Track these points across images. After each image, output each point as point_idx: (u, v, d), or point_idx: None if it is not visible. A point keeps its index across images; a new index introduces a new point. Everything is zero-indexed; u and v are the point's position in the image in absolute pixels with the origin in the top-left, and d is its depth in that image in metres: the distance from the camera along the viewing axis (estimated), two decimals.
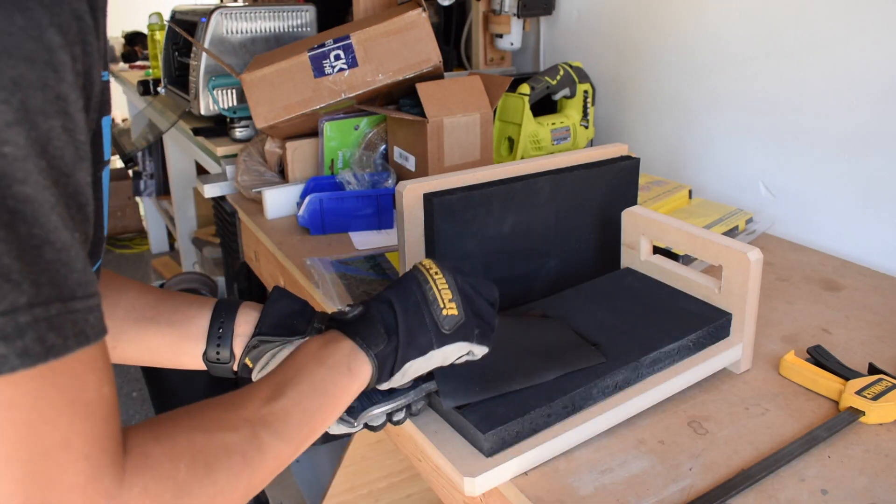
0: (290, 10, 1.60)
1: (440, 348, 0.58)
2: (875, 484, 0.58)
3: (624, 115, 1.45)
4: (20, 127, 0.33)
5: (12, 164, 0.33)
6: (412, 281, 0.59)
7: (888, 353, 0.78)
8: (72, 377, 0.35)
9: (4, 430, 0.33)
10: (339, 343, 0.56)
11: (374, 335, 0.56)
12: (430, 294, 0.58)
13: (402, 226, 0.78)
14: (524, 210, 0.84)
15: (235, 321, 0.65)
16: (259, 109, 1.21)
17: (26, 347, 0.33)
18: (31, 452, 0.34)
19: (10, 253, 0.33)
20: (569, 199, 0.87)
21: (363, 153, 1.28)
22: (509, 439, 0.60)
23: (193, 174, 2.49)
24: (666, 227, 0.77)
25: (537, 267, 0.87)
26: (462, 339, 0.59)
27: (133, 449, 0.40)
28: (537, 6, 1.57)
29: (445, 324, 0.58)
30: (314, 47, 1.20)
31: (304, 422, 0.50)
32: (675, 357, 0.70)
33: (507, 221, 0.83)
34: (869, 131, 1.01)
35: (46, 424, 0.34)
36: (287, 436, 0.49)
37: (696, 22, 1.25)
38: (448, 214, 0.77)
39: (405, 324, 0.57)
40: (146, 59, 3.22)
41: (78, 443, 0.35)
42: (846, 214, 1.07)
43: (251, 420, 0.47)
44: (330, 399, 0.53)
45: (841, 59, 1.03)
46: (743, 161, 1.21)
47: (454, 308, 0.58)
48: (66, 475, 0.35)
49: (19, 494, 0.34)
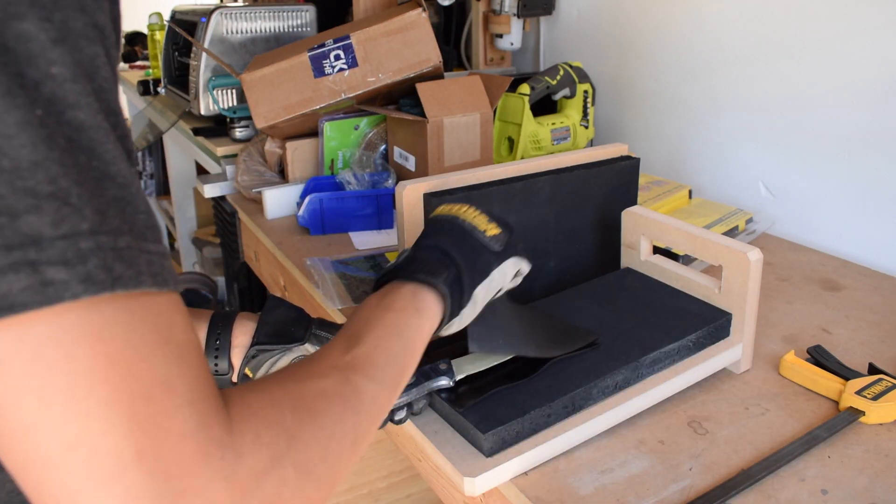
0: (290, 10, 1.60)
1: (499, 266, 0.58)
2: (875, 484, 0.58)
3: (624, 115, 1.45)
4: (64, 47, 0.30)
5: (62, 85, 0.29)
6: (444, 220, 0.59)
7: (888, 353, 0.78)
8: (159, 314, 0.32)
9: (99, 367, 0.29)
10: (399, 289, 0.54)
11: (434, 268, 0.55)
12: (466, 224, 0.58)
13: (402, 226, 0.78)
14: (524, 210, 0.84)
15: (232, 332, 0.65)
16: (259, 109, 1.21)
17: (89, 274, 0.29)
18: (133, 395, 0.30)
19: (68, 176, 0.29)
20: (569, 199, 0.87)
21: (363, 153, 1.28)
22: (509, 439, 0.60)
23: (193, 174, 2.49)
24: (666, 227, 0.77)
25: (537, 267, 0.87)
26: (513, 255, 0.60)
27: (232, 399, 0.36)
28: (537, 6, 1.57)
29: (494, 243, 0.58)
30: (314, 47, 1.20)
31: (389, 363, 0.48)
32: (675, 357, 0.70)
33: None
34: (869, 131, 1.01)
35: (143, 363, 0.30)
36: (378, 377, 0.46)
37: (697, 22, 1.25)
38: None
39: (460, 252, 0.56)
40: (146, 59, 3.22)
41: (180, 386, 0.31)
42: (846, 214, 1.07)
43: (338, 366, 0.45)
44: (407, 342, 0.51)
45: (841, 58, 1.03)
46: (743, 161, 1.21)
47: (495, 228, 0.59)
48: (174, 422, 0.31)
49: (129, 446, 0.29)
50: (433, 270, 0.55)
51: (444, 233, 0.58)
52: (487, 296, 0.59)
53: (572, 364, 0.67)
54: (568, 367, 0.66)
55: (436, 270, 0.55)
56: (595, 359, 0.67)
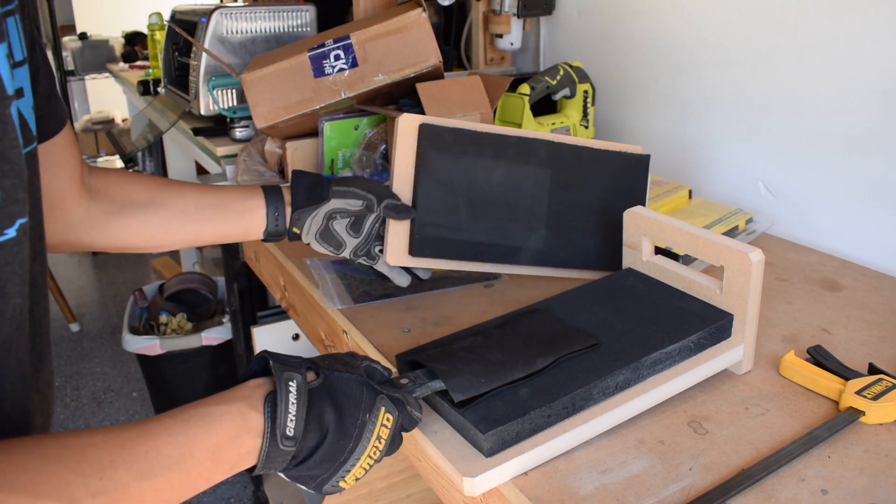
0: (290, 10, 1.60)
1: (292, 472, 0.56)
2: (875, 484, 0.58)
3: (624, 115, 1.45)
4: None
5: None
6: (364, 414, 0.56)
7: (888, 353, 0.78)
8: None
9: None
10: (246, 439, 0.52)
11: (281, 456, 0.53)
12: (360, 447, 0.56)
13: (395, 153, 0.86)
14: (517, 165, 0.88)
15: (284, 205, 0.83)
16: (259, 109, 1.21)
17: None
18: None
19: None
20: (567, 171, 0.90)
21: (363, 153, 1.28)
22: (509, 439, 0.60)
23: (193, 174, 2.49)
24: (668, 227, 0.77)
25: (527, 229, 0.89)
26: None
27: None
28: (537, 6, 1.57)
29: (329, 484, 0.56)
30: (314, 47, 1.20)
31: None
32: (676, 358, 0.70)
33: (498, 170, 0.88)
34: (869, 131, 1.01)
35: None
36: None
37: (697, 21, 1.25)
38: (437, 143, 0.85)
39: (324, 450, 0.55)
40: (146, 59, 3.22)
41: None
42: (846, 214, 1.07)
43: (98, 493, 0.44)
44: (192, 491, 0.50)
45: (841, 59, 1.03)
46: (743, 161, 1.21)
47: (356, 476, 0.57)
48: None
49: None
50: (277, 460, 0.53)
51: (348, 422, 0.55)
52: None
53: (573, 364, 0.67)
54: (568, 368, 0.66)
55: (280, 459, 0.53)
56: (596, 359, 0.67)
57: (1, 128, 0.46)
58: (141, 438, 0.48)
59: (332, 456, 0.54)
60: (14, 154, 0.47)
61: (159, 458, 0.48)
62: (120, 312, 2.83)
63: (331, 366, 0.58)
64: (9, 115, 0.46)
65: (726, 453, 0.63)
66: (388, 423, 0.57)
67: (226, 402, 0.52)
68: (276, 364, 0.55)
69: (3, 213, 0.47)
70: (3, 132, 0.46)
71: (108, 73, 3.56)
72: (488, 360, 0.65)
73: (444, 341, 0.72)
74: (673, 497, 0.57)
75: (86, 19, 4.62)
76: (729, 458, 0.62)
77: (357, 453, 0.55)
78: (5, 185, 0.46)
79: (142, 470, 0.46)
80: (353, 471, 0.56)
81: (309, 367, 0.57)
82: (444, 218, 0.87)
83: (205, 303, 2.36)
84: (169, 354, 2.10)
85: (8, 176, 0.46)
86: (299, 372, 0.54)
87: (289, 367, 0.55)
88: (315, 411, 0.54)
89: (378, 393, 0.57)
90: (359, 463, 0.56)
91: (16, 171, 0.47)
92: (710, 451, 0.63)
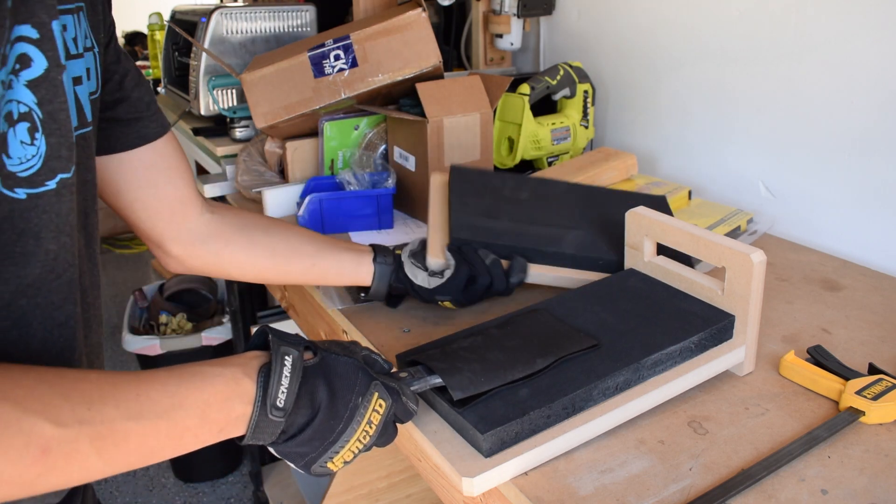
0: (290, 10, 1.60)
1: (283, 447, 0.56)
2: (875, 484, 0.58)
3: (624, 115, 1.45)
4: None
5: None
6: (357, 399, 0.57)
7: (888, 353, 0.78)
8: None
9: None
10: (237, 404, 0.53)
11: (271, 429, 0.54)
12: (352, 427, 0.56)
13: (430, 204, 0.94)
14: (540, 191, 0.98)
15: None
16: (259, 109, 1.21)
17: None
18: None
19: None
20: (585, 200, 0.99)
21: (363, 153, 1.28)
22: (508, 440, 0.60)
23: (193, 174, 2.49)
24: (669, 228, 0.77)
25: (554, 237, 0.92)
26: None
27: None
28: (537, 6, 1.57)
29: (319, 465, 0.56)
30: (314, 47, 1.20)
31: (134, 451, 0.48)
32: (678, 359, 0.70)
33: (524, 191, 0.98)
34: (869, 131, 1.01)
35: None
36: (109, 457, 0.47)
37: (697, 22, 1.25)
38: (465, 175, 0.98)
39: (312, 429, 0.55)
40: (146, 59, 3.21)
41: None
42: (846, 214, 1.07)
43: (85, 422, 0.45)
44: (179, 447, 0.51)
45: (841, 59, 1.03)
46: (743, 161, 1.21)
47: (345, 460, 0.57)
48: None
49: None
50: (266, 432, 0.53)
51: (340, 405, 0.56)
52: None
53: (573, 365, 0.67)
54: (568, 368, 0.66)
55: (270, 431, 0.53)
56: (596, 360, 0.67)
57: (52, 91, 0.51)
58: (133, 382, 0.49)
59: (321, 435, 0.55)
60: (62, 116, 0.52)
61: (149, 402, 0.48)
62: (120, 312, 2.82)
63: (329, 348, 0.59)
64: (60, 82, 0.51)
65: (726, 453, 0.62)
66: (381, 410, 0.57)
67: (221, 366, 0.53)
68: (274, 338, 0.56)
69: (47, 167, 0.52)
70: (55, 95, 0.51)
71: None
72: (488, 359, 0.65)
73: (444, 341, 0.72)
74: (673, 497, 0.57)
75: None
76: (729, 458, 0.62)
77: (346, 435, 0.56)
78: (51, 141, 0.52)
79: (130, 410, 0.47)
80: (341, 453, 0.56)
81: (307, 347, 0.58)
82: (477, 221, 0.91)
83: (205, 303, 2.36)
84: (169, 354, 2.10)
85: (54, 134, 0.52)
86: (296, 349, 0.55)
87: (287, 342, 0.56)
88: (308, 388, 0.55)
89: (373, 379, 0.58)
90: (347, 445, 0.56)
91: (62, 130, 0.52)
92: (710, 451, 0.63)
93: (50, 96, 0.51)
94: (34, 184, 0.51)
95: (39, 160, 0.51)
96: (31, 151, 0.50)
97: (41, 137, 0.51)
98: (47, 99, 0.51)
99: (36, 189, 0.52)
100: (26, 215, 0.51)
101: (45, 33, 0.50)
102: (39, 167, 0.51)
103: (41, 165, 0.51)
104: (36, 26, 0.50)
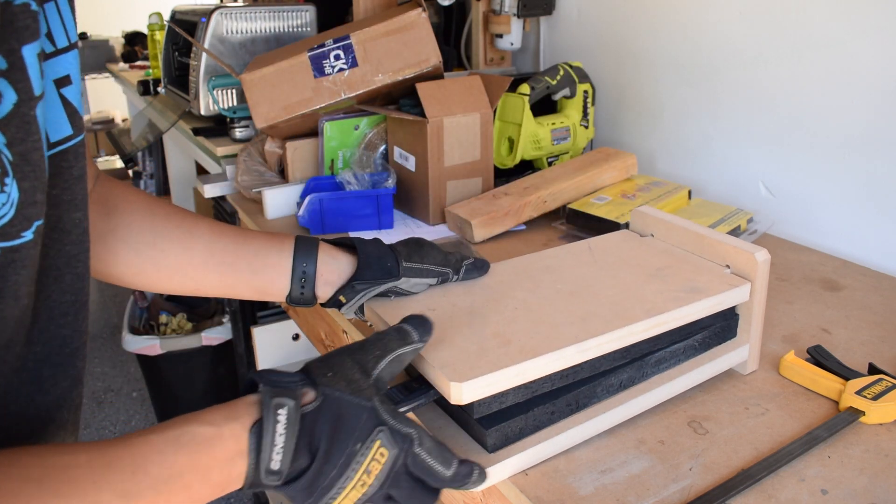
0: (290, 10, 1.60)
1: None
2: (875, 484, 0.58)
3: (624, 115, 1.45)
4: None
5: None
6: (355, 442, 0.52)
7: (888, 353, 0.78)
8: None
9: None
10: (238, 462, 0.50)
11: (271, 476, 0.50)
12: (349, 475, 0.52)
13: None
14: None
15: (317, 269, 0.70)
16: (259, 109, 1.21)
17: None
18: None
19: None
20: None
21: (363, 153, 1.28)
22: (512, 436, 0.60)
23: (193, 174, 2.49)
24: (674, 226, 0.77)
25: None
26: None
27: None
28: (537, 6, 1.57)
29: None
30: (314, 47, 1.20)
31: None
32: (681, 357, 0.70)
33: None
34: (869, 131, 1.01)
35: None
36: None
37: (697, 21, 1.25)
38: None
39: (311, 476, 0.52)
40: (146, 59, 3.22)
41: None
42: (846, 214, 1.07)
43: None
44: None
45: (841, 59, 1.03)
46: (743, 161, 1.21)
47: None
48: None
49: None
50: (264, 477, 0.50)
51: (338, 450, 0.52)
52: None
53: None
54: None
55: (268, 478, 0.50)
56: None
57: (24, 129, 0.44)
58: (128, 457, 0.46)
59: (317, 482, 0.52)
60: (36, 156, 0.45)
61: (147, 478, 0.46)
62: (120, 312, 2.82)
63: (334, 383, 0.54)
64: (33, 117, 0.45)
65: (726, 453, 0.63)
66: (382, 459, 0.52)
67: (218, 425, 0.50)
68: (265, 389, 0.51)
69: (21, 216, 0.45)
70: (27, 133, 0.45)
71: (108, 73, 3.56)
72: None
73: None
74: (673, 497, 0.57)
75: (86, 19, 4.62)
76: (729, 458, 0.62)
77: (341, 483, 0.52)
78: (24, 186, 0.45)
79: (127, 491, 0.45)
80: (339, 500, 0.52)
81: (308, 383, 0.54)
82: None
83: (205, 303, 2.36)
84: (169, 354, 2.10)
85: (28, 178, 0.45)
86: (292, 397, 0.51)
87: (281, 390, 0.51)
88: (306, 436, 0.51)
89: (378, 424, 0.53)
90: (344, 493, 0.52)
91: (36, 172, 0.46)
92: (710, 451, 0.63)
93: (21, 135, 0.44)
94: (8, 236, 0.44)
95: (12, 208, 0.44)
96: (1, 199, 0.43)
97: (12, 182, 0.44)
98: (18, 138, 0.44)
99: (10, 242, 0.45)
100: (1, 273, 0.45)
101: (15, 62, 0.43)
102: (12, 216, 0.44)
103: (14, 214, 0.44)
104: (4, 54, 0.42)
